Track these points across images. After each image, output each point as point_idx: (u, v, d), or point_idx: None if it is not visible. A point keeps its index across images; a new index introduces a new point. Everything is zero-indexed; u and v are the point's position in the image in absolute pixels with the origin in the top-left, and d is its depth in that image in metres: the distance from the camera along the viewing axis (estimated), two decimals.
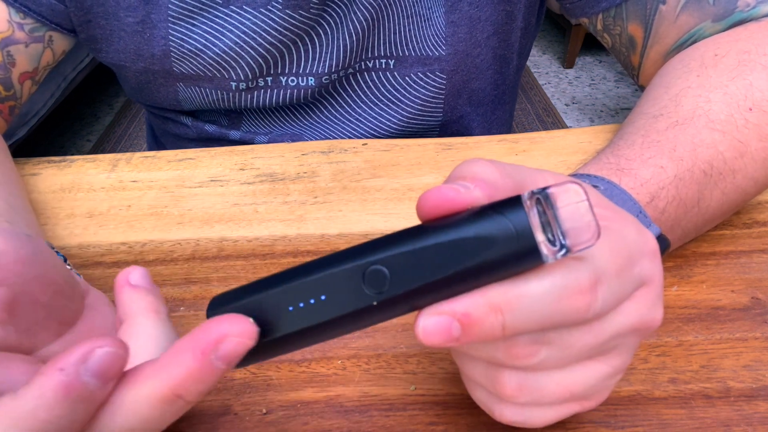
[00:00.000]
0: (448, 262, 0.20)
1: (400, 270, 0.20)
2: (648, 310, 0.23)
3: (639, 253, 0.23)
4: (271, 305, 0.21)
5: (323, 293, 0.21)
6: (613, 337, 0.23)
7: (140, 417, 0.21)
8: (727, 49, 0.41)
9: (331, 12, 0.51)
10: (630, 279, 0.22)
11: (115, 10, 0.50)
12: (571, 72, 2.63)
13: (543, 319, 0.21)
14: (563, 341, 0.22)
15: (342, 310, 0.21)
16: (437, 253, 0.20)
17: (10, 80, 0.50)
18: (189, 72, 0.52)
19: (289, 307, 0.21)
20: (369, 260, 0.20)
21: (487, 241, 0.19)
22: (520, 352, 0.22)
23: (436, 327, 0.20)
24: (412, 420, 0.30)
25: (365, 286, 0.20)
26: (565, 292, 0.20)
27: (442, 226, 0.20)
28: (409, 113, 0.56)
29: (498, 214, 0.19)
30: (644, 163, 0.35)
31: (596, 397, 0.25)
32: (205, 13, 0.50)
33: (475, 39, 0.53)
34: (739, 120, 0.37)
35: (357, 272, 0.20)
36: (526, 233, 0.19)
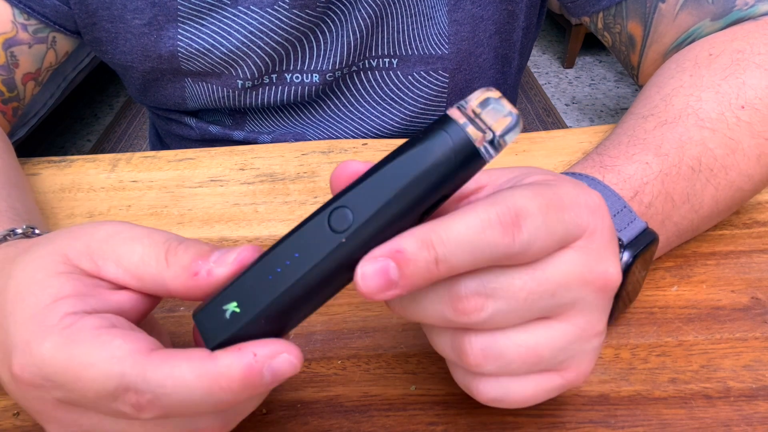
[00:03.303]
0: (400, 180, 0.21)
1: (359, 204, 0.22)
2: (594, 260, 0.24)
3: (573, 202, 0.23)
4: (251, 282, 0.22)
5: (295, 252, 0.22)
6: (560, 287, 0.23)
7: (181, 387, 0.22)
8: (722, 49, 0.41)
9: (336, 10, 0.51)
10: (559, 221, 0.23)
11: (122, 13, 0.50)
12: (571, 72, 2.64)
13: (473, 252, 0.22)
14: (507, 290, 0.23)
15: (314, 259, 0.22)
16: (389, 177, 0.22)
17: (13, 81, 0.50)
18: (196, 69, 0.52)
19: (268, 276, 0.22)
20: (331, 207, 0.22)
21: (428, 150, 0.21)
22: (467, 306, 0.23)
23: (374, 271, 0.21)
24: (412, 420, 0.30)
25: (332, 231, 0.22)
26: (488, 223, 0.22)
27: (388, 158, 0.22)
28: (411, 112, 0.56)
29: (432, 129, 0.22)
30: (628, 160, 0.35)
31: (574, 366, 0.25)
32: (214, 14, 0.50)
33: (478, 38, 0.53)
34: (731, 118, 0.37)
35: (322, 221, 0.22)
36: (459, 134, 0.21)
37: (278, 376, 0.22)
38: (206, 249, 0.24)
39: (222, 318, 0.23)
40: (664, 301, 0.36)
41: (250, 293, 0.22)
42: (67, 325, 0.23)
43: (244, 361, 0.22)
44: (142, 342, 0.23)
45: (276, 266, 0.22)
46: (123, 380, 0.22)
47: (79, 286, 0.24)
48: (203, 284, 0.23)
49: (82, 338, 0.22)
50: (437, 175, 0.21)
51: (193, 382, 0.22)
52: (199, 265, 0.23)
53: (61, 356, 0.22)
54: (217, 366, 0.22)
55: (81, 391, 0.22)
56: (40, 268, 0.24)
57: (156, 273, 0.24)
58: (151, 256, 0.24)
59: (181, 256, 0.24)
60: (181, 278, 0.24)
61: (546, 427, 0.29)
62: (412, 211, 0.22)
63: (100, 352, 0.22)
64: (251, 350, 0.22)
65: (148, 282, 0.24)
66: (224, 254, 0.24)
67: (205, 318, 0.23)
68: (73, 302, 0.23)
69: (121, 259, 0.24)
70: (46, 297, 0.23)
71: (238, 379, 0.22)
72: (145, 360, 0.22)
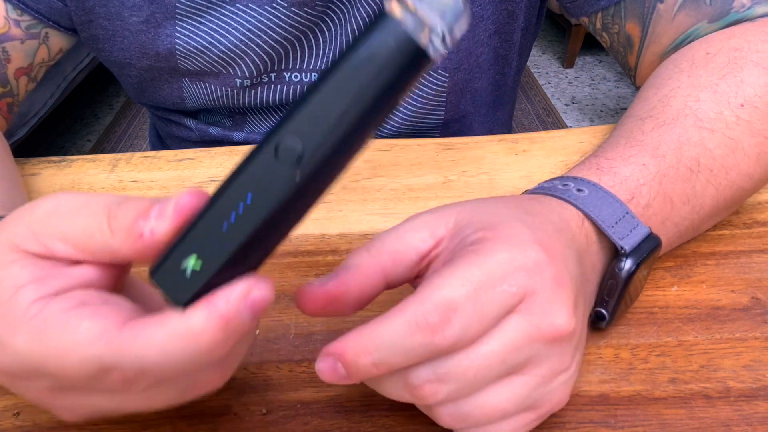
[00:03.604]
0: (344, 96, 0.20)
1: (305, 128, 0.20)
2: (539, 318, 0.24)
3: (506, 272, 0.24)
4: (206, 232, 0.21)
5: (247, 192, 0.20)
6: (510, 353, 0.24)
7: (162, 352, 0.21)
8: (719, 47, 0.41)
9: (335, 9, 0.51)
10: (491, 300, 0.23)
11: (119, 10, 0.50)
12: (571, 72, 2.64)
13: (406, 354, 0.23)
14: (455, 372, 0.24)
15: (271, 199, 0.20)
16: (332, 93, 0.20)
17: (5, 76, 0.50)
18: (194, 68, 0.52)
19: (223, 224, 0.21)
20: (275, 138, 0.20)
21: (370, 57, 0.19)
22: (422, 393, 0.24)
23: (327, 368, 0.24)
24: (413, 420, 0.30)
25: (283, 164, 0.20)
26: (416, 326, 0.23)
27: (328, 71, 0.20)
28: (411, 111, 0.56)
29: (371, 29, 0.20)
30: (625, 161, 0.35)
31: (546, 402, 0.26)
32: (212, 11, 0.50)
33: (477, 37, 0.53)
34: (730, 117, 0.37)
35: (270, 156, 0.20)
36: (399, 33, 0.19)
37: (256, 313, 0.22)
38: (146, 205, 0.22)
39: (183, 274, 0.21)
40: (664, 301, 0.36)
41: (208, 244, 0.21)
42: (34, 314, 0.22)
43: (219, 313, 0.21)
44: (111, 317, 0.22)
45: (230, 211, 0.20)
46: (102, 362, 0.21)
47: (35, 271, 0.23)
48: (150, 243, 0.22)
49: (51, 326, 0.22)
50: (384, 82, 0.20)
51: (173, 347, 0.21)
52: (140, 225, 0.22)
53: (36, 349, 0.22)
54: (192, 325, 0.21)
55: (66, 378, 0.22)
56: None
57: (103, 243, 0.23)
58: (94, 227, 0.23)
59: (121, 219, 0.22)
60: (127, 243, 0.22)
61: (546, 427, 0.29)
62: (363, 124, 0.20)
63: (72, 338, 0.21)
64: (222, 299, 0.21)
65: (99, 253, 0.23)
66: (163, 207, 0.22)
67: (165, 277, 0.22)
68: (34, 288, 0.22)
69: (66, 236, 0.23)
70: (7, 289, 0.23)
71: (217, 331, 0.21)
72: (119, 336, 0.21)
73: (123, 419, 0.31)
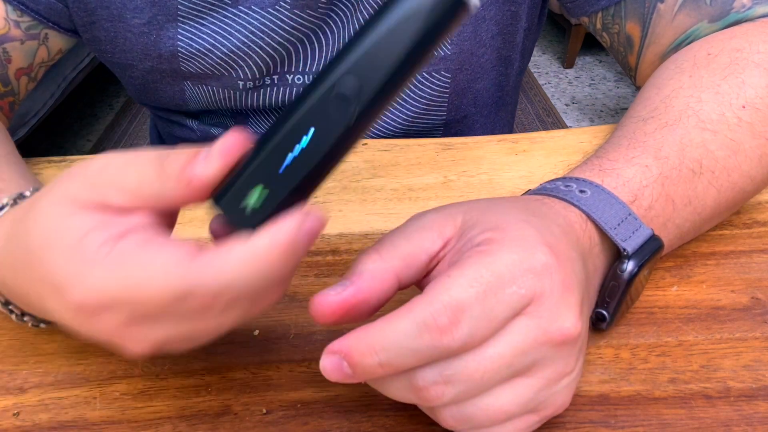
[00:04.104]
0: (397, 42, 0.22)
1: (362, 69, 0.22)
2: (547, 322, 0.24)
3: (514, 273, 0.24)
4: (271, 163, 0.23)
5: (311, 126, 0.22)
6: (517, 356, 0.24)
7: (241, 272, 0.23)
8: (720, 48, 0.41)
9: (338, 11, 0.51)
10: (500, 302, 0.23)
11: (121, 12, 0.50)
12: (571, 72, 2.64)
13: (414, 355, 0.23)
14: (461, 374, 0.23)
15: (332, 133, 0.22)
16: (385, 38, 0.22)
17: (7, 76, 0.50)
18: (196, 71, 0.52)
19: (287, 156, 0.23)
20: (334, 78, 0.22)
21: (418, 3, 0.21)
22: (428, 395, 0.24)
23: (331, 366, 0.24)
24: (413, 420, 0.30)
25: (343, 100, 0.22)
26: (425, 327, 0.22)
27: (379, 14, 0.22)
28: (413, 112, 0.56)
29: None
30: (627, 163, 0.35)
31: (550, 405, 0.26)
32: (214, 13, 0.50)
33: (480, 38, 0.53)
34: (732, 119, 0.37)
35: (330, 92, 0.22)
36: None
37: (311, 236, 0.23)
38: (191, 154, 0.24)
39: (249, 202, 0.23)
40: (664, 301, 0.36)
41: (274, 173, 0.23)
42: (107, 252, 0.23)
43: (282, 234, 0.22)
44: (185, 247, 0.23)
45: (294, 144, 0.23)
46: (183, 288, 0.22)
47: (97, 218, 0.24)
48: (201, 187, 0.24)
49: (128, 258, 0.23)
50: (429, 31, 0.22)
51: (249, 268, 0.22)
52: (189, 172, 0.23)
53: (116, 281, 0.23)
54: (259, 247, 0.22)
55: (146, 306, 0.23)
56: (54, 216, 0.25)
57: (156, 191, 0.24)
58: (146, 175, 0.24)
59: (171, 168, 0.24)
60: (179, 189, 0.24)
61: (546, 427, 0.29)
62: (410, 68, 0.22)
63: (152, 267, 0.23)
64: (284, 224, 0.23)
65: (153, 200, 0.24)
66: (210, 151, 0.24)
67: (232, 204, 0.24)
68: (100, 233, 0.24)
69: (122, 185, 0.24)
70: (73, 237, 0.24)
71: (280, 252, 0.22)
72: (197, 263, 0.23)
73: (123, 418, 0.31)
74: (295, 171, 0.23)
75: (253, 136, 0.24)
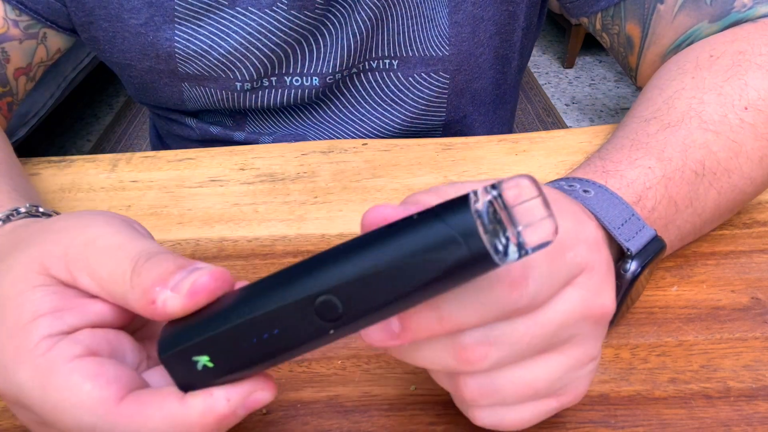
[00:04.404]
0: (399, 282, 0.19)
1: (350, 298, 0.19)
2: (593, 295, 0.24)
3: (573, 240, 0.23)
4: (225, 342, 0.22)
5: (276, 327, 0.21)
6: (561, 327, 0.23)
7: None
8: (723, 50, 0.41)
9: (335, 12, 0.51)
10: (563, 265, 0.23)
11: (119, 12, 0.50)
12: (571, 72, 2.64)
13: (480, 310, 0.21)
14: (509, 337, 0.22)
15: (297, 341, 0.21)
16: (386, 275, 0.18)
17: (5, 76, 0.50)
18: (194, 72, 0.52)
19: (243, 343, 0.21)
20: (316, 291, 0.19)
21: (433, 253, 0.18)
22: (470, 356, 0.22)
23: (377, 325, 0.21)
24: (412, 420, 0.30)
25: (318, 318, 0.20)
26: (496, 279, 0.21)
27: (389, 240, 0.19)
28: (412, 113, 0.56)
29: (442, 222, 0.18)
30: (631, 165, 0.35)
31: (570, 391, 0.25)
32: (211, 15, 0.50)
33: (478, 39, 0.53)
34: (734, 120, 0.37)
35: (308, 304, 0.20)
36: (473, 240, 0.17)
37: (252, 409, 0.23)
38: (170, 269, 0.23)
39: (193, 367, 0.22)
40: (664, 301, 0.36)
41: (224, 352, 0.22)
42: (42, 352, 0.23)
43: (218, 408, 0.22)
44: (113, 385, 0.23)
45: (253, 335, 0.21)
46: (96, 429, 0.22)
47: (56, 301, 0.24)
48: (161, 314, 0.23)
49: (54, 374, 0.22)
50: (441, 283, 0.19)
51: (167, 430, 0.22)
52: (156, 293, 0.23)
53: (36, 390, 0.23)
54: (190, 414, 0.22)
55: (56, 426, 0.23)
56: (18, 281, 0.25)
57: (122, 293, 0.24)
58: (119, 274, 0.24)
59: (144, 277, 0.23)
60: (141, 303, 0.23)
61: (546, 427, 0.29)
62: (405, 307, 0.20)
63: (71, 398, 0.22)
64: (224, 396, 0.23)
65: (118, 299, 0.24)
66: (181, 281, 0.23)
67: (175, 361, 0.23)
68: (49, 322, 0.23)
69: (94, 273, 0.24)
70: (24, 315, 0.23)
71: (212, 423, 0.22)
72: (116, 412, 0.22)
73: None
74: (247, 357, 0.22)
75: (227, 282, 0.23)
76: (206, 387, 0.23)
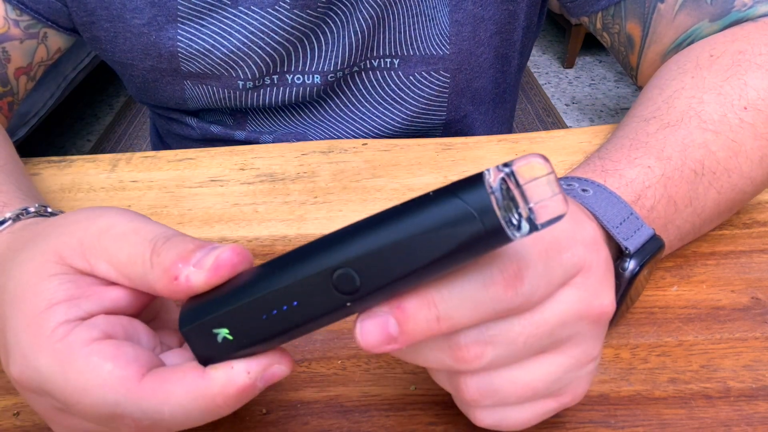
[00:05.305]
0: (415, 255, 0.19)
1: (368, 271, 0.20)
2: (591, 295, 0.24)
3: (570, 240, 0.23)
4: (245, 315, 0.22)
5: (294, 299, 0.21)
6: (558, 326, 0.23)
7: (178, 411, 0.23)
8: (723, 50, 0.41)
9: (337, 11, 0.51)
10: (559, 265, 0.23)
11: (121, 12, 0.50)
12: (571, 72, 2.64)
13: (475, 309, 0.21)
14: (506, 336, 0.23)
15: (315, 313, 0.21)
16: (403, 248, 0.19)
17: (6, 76, 0.50)
18: (196, 71, 0.52)
19: (262, 315, 0.22)
20: (335, 263, 0.20)
21: (449, 228, 0.19)
22: (467, 355, 0.23)
23: (374, 326, 0.21)
24: (412, 420, 0.30)
25: (336, 290, 0.20)
26: (490, 279, 0.21)
27: (405, 216, 0.19)
28: (413, 112, 0.56)
29: (457, 198, 0.19)
30: (630, 164, 0.35)
31: (570, 391, 0.25)
32: (214, 14, 0.50)
33: (479, 38, 0.53)
34: (734, 120, 0.37)
35: (326, 277, 0.20)
36: (488, 215, 0.18)
37: (271, 382, 0.24)
38: (190, 248, 0.23)
39: (213, 340, 0.23)
40: (664, 301, 0.36)
41: (243, 325, 0.22)
42: (60, 338, 0.23)
43: (239, 381, 0.23)
44: (133, 365, 0.23)
45: (272, 308, 0.21)
46: (118, 409, 0.22)
47: (71, 289, 0.24)
48: (183, 289, 0.23)
49: (74, 357, 0.23)
50: (456, 255, 0.19)
51: (189, 405, 0.22)
52: (179, 269, 0.23)
53: (56, 374, 0.23)
54: (212, 387, 0.22)
55: (77, 408, 0.23)
56: (35, 271, 0.25)
57: (141, 273, 0.24)
58: (137, 256, 0.24)
59: (164, 257, 0.23)
60: (163, 281, 0.23)
61: (546, 427, 0.29)
62: (420, 281, 0.21)
63: (93, 379, 0.22)
64: (244, 368, 0.23)
65: (136, 281, 0.24)
66: (204, 257, 0.23)
67: (195, 334, 0.23)
68: (65, 309, 0.23)
69: (111, 258, 0.24)
70: (40, 303, 0.24)
71: (233, 395, 0.23)
72: (138, 389, 0.22)
73: None
74: (266, 329, 0.22)
75: (247, 259, 0.23)
76: (225, 360, 0.23)
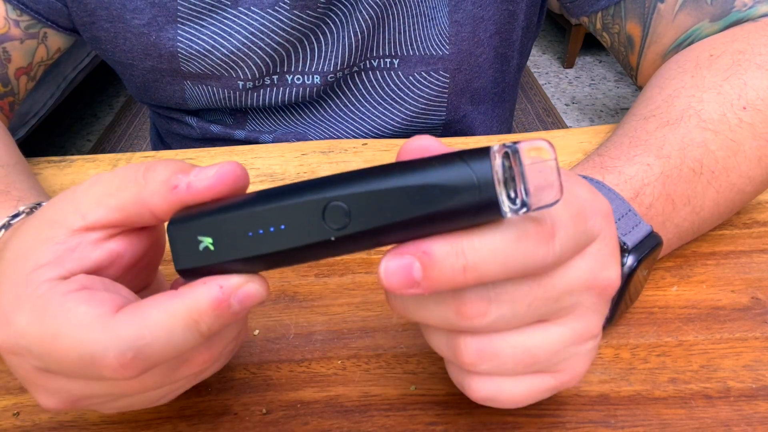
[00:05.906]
0: (409, 206, 0.20)
1: (360, 209, 0.20)
2: (600, 266, 0.24)
3: (592, 209, 0.23)
4: (232, 227, 0.22)
5: (282, 223, 0.21)
6: (565, 293, 0.23)
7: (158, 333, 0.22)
8: (723, 50, 0.41)
9: (337, 11, 0.51)
10: (584, 231, 0.23)
11: (121, 13, 0.50)
12: (571, 72, 2.64)
13: (505, 263, 0.21)
14: (512, 296, 0.22)
15: (299, 242, 0.21)
16: (399, 196, 0.20)
17: (7, 76, 0.50)
18: (196, 71, 0.53)
19: (249, 232, 0.22)
20: (330, 195, 0.20)
21: (448, 189, 0.19)
22: (470, 311, 0.22)
23: (398, 267, 0.21)
24: (412, 420, 0.30)
25: (325, 222, 0.21)
26: (525, 233, 0.21)
27: (408, 169, 0.20)
28: (412, 112, 0.56)
29: (464, 162, 0.19)
30: (629, 161, 0.35)
31: (569, 369, 0.25)
32: (214, 15, 0.50)
33: (478, 38, 0.53)
34: (733, 119, 0.37)
35: (318, 206, 0.21)
36: (488, 187, 0.19)
37: (246, 304, 0.23)
38: (186, 165, 0.24)
39: (195, 246, 0.23)
40: (664, 301, 0.36)
41: (228, 237, 0.22)
42: (40, 294, 0.23)
43: (212, 293, 0.22)
44: (108, 303, 0.23)
45: (259, 227, 0.22)
46: (98, 346, 0.22)
47: (58, 251, 0.24)
48: (183, 197, 0.23)
49: (51, 307, 0.23)
50: (448, 217, 0.20)
51: (168, 323, 0.22)
52: (178, 179, 0.23)
53: (35, 328, 0.23)
54: (185, 302, 0.22)
55: (58, 361, 0.23)
56: (29, 237, 0.25)
57: (135, 194, 0.24)
58: (129, 179, 0.24)
59: (159, 171, 0.23)
60: (160, 192, 0.23)
61: (546, 427, 0.29)
62: (407, 235, 0.21)
63: (68, 321, 0.22)
64: (217, 283, 0.22)
65: (130, 206, 0.24)
66: (204, 169, 0.23)
67: (179, 237, 0.23)
68: (49, 269, 0.24)
69: (101, 197, 0.24)
70: (28, 267, 0.24)
71: (208, 310, 0.22)
72: (114, 320, 0.22)
73: (123, 419, 0.31)
74: (250, 247, 0.22)
75: (247, 176, 0.24)
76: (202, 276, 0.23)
